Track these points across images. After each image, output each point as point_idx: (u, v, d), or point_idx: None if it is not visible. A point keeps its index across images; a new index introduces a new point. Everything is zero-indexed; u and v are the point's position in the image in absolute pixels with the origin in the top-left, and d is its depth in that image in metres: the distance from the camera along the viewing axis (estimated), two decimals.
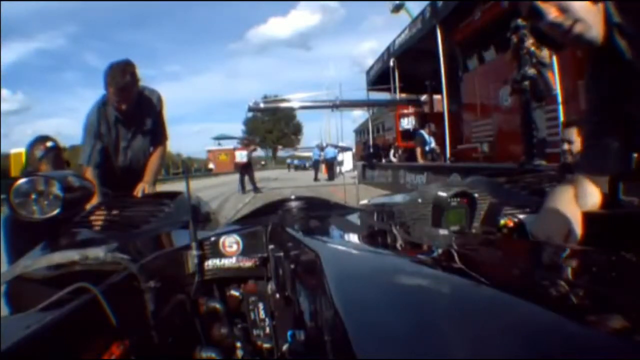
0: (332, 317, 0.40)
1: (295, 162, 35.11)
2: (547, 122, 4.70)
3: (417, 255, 0.68)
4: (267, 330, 0.90)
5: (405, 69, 10.65)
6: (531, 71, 4.35)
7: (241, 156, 10.81)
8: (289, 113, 41.11)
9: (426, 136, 8.49)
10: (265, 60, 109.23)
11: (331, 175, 13.97)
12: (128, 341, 0.54)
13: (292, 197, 1.32)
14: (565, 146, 2.49)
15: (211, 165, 36.82)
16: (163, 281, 0.66)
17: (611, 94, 0.79)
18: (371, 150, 12.45)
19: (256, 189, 10.32)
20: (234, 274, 0.91)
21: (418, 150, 8.55)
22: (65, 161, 2.10)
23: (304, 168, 30.61)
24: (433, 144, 8.40)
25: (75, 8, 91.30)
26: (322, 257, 0.57)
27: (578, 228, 0.76)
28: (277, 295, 0.86)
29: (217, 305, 0.84)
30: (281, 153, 48.14)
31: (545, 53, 4.43)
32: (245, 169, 10.73)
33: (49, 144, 1.95)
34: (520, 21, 4.54)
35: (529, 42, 4.40)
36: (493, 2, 6.38)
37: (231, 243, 0.90)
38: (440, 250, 0.70)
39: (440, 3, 7.78)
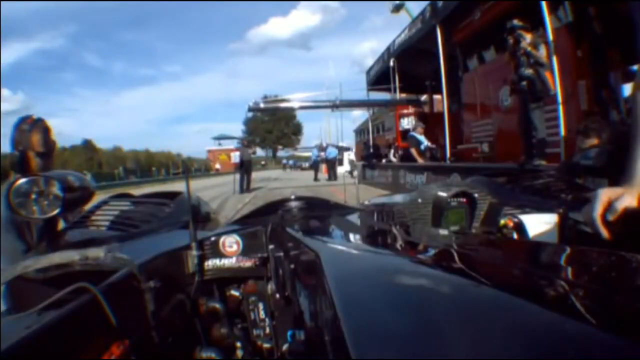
0: (331, 317, 0.40)
1: (290, 162, 37.85)
2: (547, 122, 4.69)
3: (417, 255, 0.68)
4: (267, 330, 0.90)
5: (405, 69, 10.63)
6: (528, 71, 4.34)
7: (235, 157, 11.36)
8: (289, 113, 41.11)
9: (418, 136, 8.56)
10: (265, 60, 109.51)
11: (331, 175, 13.94)
12: (128, 341, 0.54)
13: (292, 197, 1.31)
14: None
15: (217, 166, 37.32)
16: (163, 281, 0.66)
17: None
18: (371, 150, 12.44)
19: (243, 190, 10.58)
20: (234, 274, 0.91)
21: (413, 151, 8.59)
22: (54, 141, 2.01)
23: (302, 168, 32.00)
24: (427, 142, 8.44)
25: (75, 8, 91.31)
26: (322, 257, 0.57)
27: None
28: (277, 295, 0.86)
29: (217, 305, 0.84)
30: (281, 153, 48.27)
31: (542, 53, 4.41)
32: (241, 169, 11.00)
33: (35, 117, 1.89)
34: (515, 22, 4.54)
35: (525, 42, 4.39)
36: (493, 2, 6.38)
37: (231, 243, 0.90)
38: (440, 250, 0.69)
39: (440, 3, 7.77)
